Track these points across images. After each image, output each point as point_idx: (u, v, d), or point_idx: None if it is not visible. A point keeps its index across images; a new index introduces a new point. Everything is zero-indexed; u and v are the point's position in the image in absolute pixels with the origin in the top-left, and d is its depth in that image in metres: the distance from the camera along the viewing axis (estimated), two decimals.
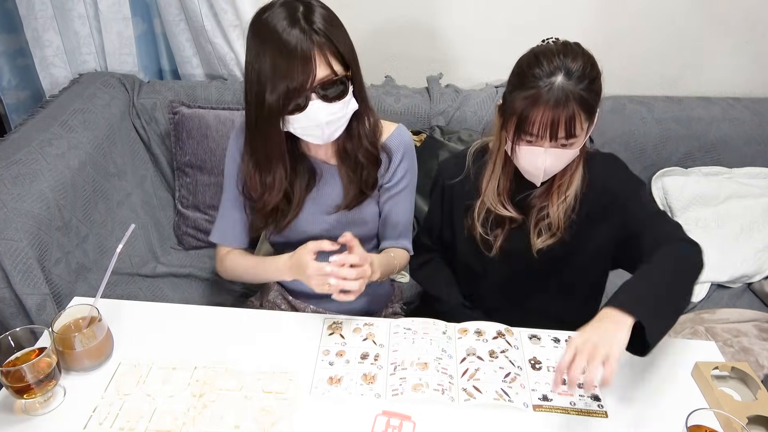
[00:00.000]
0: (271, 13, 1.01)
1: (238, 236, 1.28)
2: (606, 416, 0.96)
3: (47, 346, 0.92)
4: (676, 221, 1.16)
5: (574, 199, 1.14)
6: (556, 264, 1.21)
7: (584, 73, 1.02)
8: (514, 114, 1.04)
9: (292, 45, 0.98)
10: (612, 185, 1.16)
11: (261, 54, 1.01)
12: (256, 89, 1.03)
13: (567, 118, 1.01)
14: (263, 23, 1.01)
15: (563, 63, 1.01)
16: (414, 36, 1.96)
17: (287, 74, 0.99)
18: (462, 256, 1.29)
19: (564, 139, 1.03)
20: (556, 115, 1.01)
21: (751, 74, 1.99)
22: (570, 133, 1.02)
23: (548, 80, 1.01)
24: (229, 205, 1.25)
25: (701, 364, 1.03)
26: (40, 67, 1.87)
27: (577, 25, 1.90)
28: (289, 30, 0.98)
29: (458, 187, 1.24)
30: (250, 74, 1.04)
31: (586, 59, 1.04)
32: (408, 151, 1.24)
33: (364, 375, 1.02)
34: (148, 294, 1.63)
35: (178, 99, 1.83)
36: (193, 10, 1.80)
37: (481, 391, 0.98)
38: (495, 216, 1.19)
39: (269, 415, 0.93)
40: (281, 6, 1.01)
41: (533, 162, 1.07)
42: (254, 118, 1.08)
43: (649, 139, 1.84)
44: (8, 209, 1.31)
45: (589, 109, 1.03)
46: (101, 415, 0.93)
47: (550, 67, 1.02)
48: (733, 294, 1.73)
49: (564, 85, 1.00)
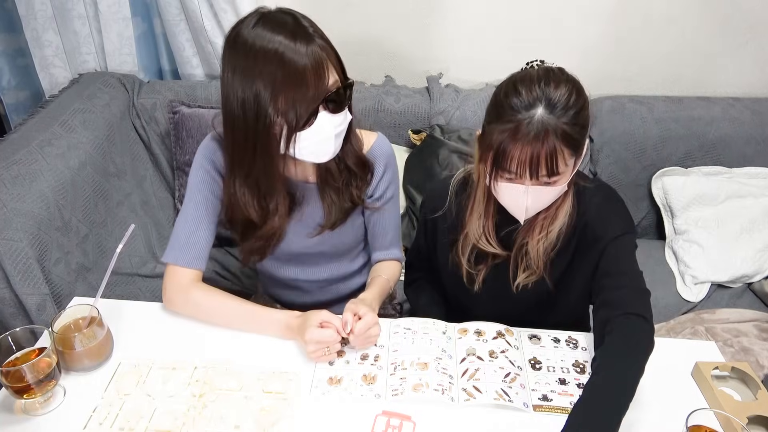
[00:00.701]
0: (257, 30, 0.93)
1: (203, 258, 1.12)
2: None
3: (47, 346, 0.92)
4: (643, 287, 1.02)
5: (557, 237, 1.05)
6: (538, 299, 1.14)
7: (568, 104, 0.92)
8: (491, 149, 0.95)
9: (301, 59, 0.91)
10: (599, 226, 1.06)
11: (256, 74, 0.93)
12: (255, 112, 0.95)
13: (548, 155, 0.91)
14: (251, 42, 0.93)
15: (544, 92, 0.92)
16: (414, 36, 1.97)
17: (299, 88, 0.93)
18: (449, 288, 1.25)
19: (546, 177, 0.94)
20: (536, 152, 0.91)
21: (751, 74, 1.99)
22: (552, 171, 0.93)
23: (527, 113, 0.91)
24: (194, 221, 1.11)
25: (701, 364, 1.03)
26: (40, 67, 1.88)
27: (577, 25, 1.90)
28: (293, 44, 0.91)
29: (441, 222, 1.17)
30: (243, 100, 0.95)
31: (571, 87, 0.93)
32: (390, 160, 1.19)
33: (364, 375, 1.02)
34: (148, 294, 1.63)
35: (178, 99, 1.83)
36: (193, 10, 1.80)
37: (481, 391, 0.98)
38: (479, 251, 1.12)
39: (269, 415, 0.93)
40: (263, 21, 0.94)
41: (514, 200, 1.00)
42: (252, 145, 0.99)
43: (649, 139, 1.85)
44: (8, 209, 1.31)
45: (573, 144, 0.93)
46: (101, 415, 0.93)
47: (530, 97, 0.92)
48: (733, 294, 1.72)
49: (544, 118, 0.91)
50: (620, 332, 0.95)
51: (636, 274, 1.03)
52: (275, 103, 0.94)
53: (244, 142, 1.00)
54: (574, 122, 0.92)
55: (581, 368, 1.04)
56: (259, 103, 0.94)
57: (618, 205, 1.10)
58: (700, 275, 1.71)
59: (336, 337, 1.01)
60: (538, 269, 1.08)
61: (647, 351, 0.93)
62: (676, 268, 1.78)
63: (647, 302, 0.99)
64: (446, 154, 1.79)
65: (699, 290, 1.71)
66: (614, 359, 0.93)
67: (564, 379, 1.02)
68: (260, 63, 0.92)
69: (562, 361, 1.06)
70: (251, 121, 0.96)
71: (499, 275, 1.14)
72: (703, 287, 1.72)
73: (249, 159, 1.02)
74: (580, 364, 1.05)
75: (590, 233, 1.06)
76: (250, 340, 1.09)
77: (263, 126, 0.96)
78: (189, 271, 1.11)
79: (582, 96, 0.94)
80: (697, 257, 1.73)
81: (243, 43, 0.94)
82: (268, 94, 0.93)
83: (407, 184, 1.87)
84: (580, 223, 1.06)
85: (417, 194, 1.85)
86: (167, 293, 1.11)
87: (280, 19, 0.95)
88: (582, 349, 1.09)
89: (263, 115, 0.95)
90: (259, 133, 0.97)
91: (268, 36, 0.92)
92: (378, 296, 1.17)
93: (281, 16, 0.96)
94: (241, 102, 0.95)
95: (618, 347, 0.94)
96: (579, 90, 0.95)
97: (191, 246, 1.11)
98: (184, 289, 1.10)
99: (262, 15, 0.96)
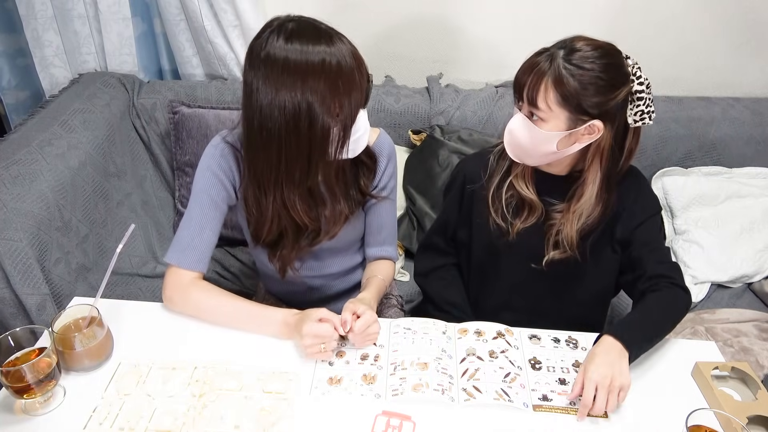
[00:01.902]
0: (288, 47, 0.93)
1: (204, 261, 1.13)
2: (606, 416, 0.96)
3: (47, 346, 0.92)
4: (675, 262, 1.15)
5: (586, 221, 1.12)
6: (565, 275, 1.20)
7: (581, 59, 1.00)
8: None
9: (345, 59, 0.94)
10: (632, 207, 1.15)
11: (306, 88, 0.93)
12: (308, 123, 0.96)
13: (532, 83, 1.02)
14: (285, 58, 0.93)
15: (574, 44, 1.02)
16: (414, 36, 1.97)
17: (350, 90, 0.95)
18: (476, 257, 1.28)
19: (528, 105, 1.04)
20: (526, 76, 1.03)
21: (751, 74, 1.99)
22: (531, 100, 1.03)
23: (551, 49, 1.03)
24: (198, 223, 1.11)
25: (701, 364, 1.03)
26: (40, 67, 1.88)
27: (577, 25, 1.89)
28: (332, 49, 0.93)
29: (479, 192, 1.22)
30: (294, 114, 0.95)
31: (600, 56, 1.01)
32: (392, 155, 1.22)
33: (364, 375, 1.02)
34: (148, 294, 1.63)
35: (178, 99, 1.83)
36: (193, 10, 1.80)
37: (481, 391, 0.98)
38: (516, 203, 1.18)
39: (269, 415, 0.93)
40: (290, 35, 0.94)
41: (508, 125, 1.10)
42: (307, 155, 1.00)
43: (649, 139, 1.84)
44: (8, 209, 1.31)
45: (564, 94, 1.00)
46: (101, 415, 0.93)
47: (564, 42, 1.03)
48: (733, 294, 1.72)
49: (554, 55, 1.02)
50: (666, 293, 1.07)
51: (668, 250, 1.17)
52: (329, 110, 0.96)
53: (297, 154, 1.00)
54: (577, 76, 1.00)
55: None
56: (313, 114, 0.95)
57: (646, 184, 1.20)
58: (700, 275, 1.71)
59: (332, 332, 1.01)
60: (570, 249, 1.14)
61: (682, 316, 1.07)
62: None
63: (682, 275, 1.12)
64: (446, 155, 1.79)
65: (699, 290, 1.71)
66: (662, 301, 1.06)
67: (564, 379, 1.02)
68: (308, 76, 0.93)
69: (562, 361, 1.06)
70: (305, 131, 0.97)
71: (531, 231, 1.18)
72: (703, 287, 1.72)
73: (303, 169, 1.02)
74: (580, 364, 1.05)
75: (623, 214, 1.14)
76: (250, 340, 1.09)
77: (320, 134, 0.97)
78: (190, 273, 1.11)
79: (609, 73, 1.01)
80: (697, 257, 1.73)
81: (274, 61, 0.93)
82: (321, 102, 0.95)
83: (407, 185, 1.87)
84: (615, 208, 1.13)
85: (417, 195, 1.84)
86: (167, 291, 1.12)
87: (305, 28, 0.95)
88: (582, 349, 1.09)
89: (318, 123, 0.96)
90: (316, 141, 0.98)
91: (304, 48, 0.93)
92: (376, 296, 1.17)
93: (303, 25, 0.96)
94: (292, 116, 0.95)
95: (665, 299, 1.06)
96: (608, 67, 1.01)
97: (194, 248, 1.11)
98: (184, 288, 1.10)
99: (282, 30, 0.95)
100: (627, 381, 0.93)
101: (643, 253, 1.13)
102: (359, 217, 1.24)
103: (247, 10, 1.80)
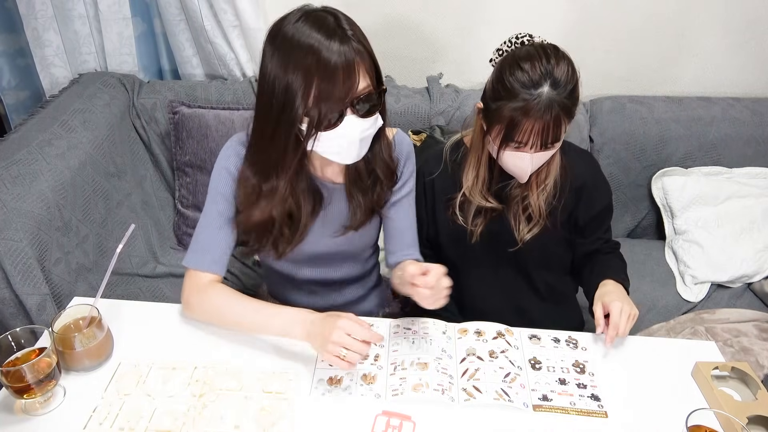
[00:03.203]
0: (298, 25, 0.94)
1: (222, 263, 1.11)
2: (606, 416, 0.96)
3: (47, 346, 0.92)
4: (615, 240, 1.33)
5: (553, 187, 1.19)
6: (532, 247, 1.24)
7: (568, 80, 1.04)
8: (500, 123, 1.06)
9: (332, 56, 0.92)
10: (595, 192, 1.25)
11: (290, 67, 0.93)
12: (282, 102, 0.95)
13: (555, 126, 1.04)
14: (290, 35, 0.94)
15: (548, 70, 1.03)
16: (414, 36, 1.97)
17: (327, 87, 0.93)
18: (445, 250, 1.31)
19: (551, 144, 1.07)
20: (546, 126, 1.03)
21: (751, 74, 1.99)
22: (557, 138, 1.07)
23: (536, 91, 1.02)
24: (215, 224, 1.10)
25: (701, 364, 1.03)
26: (40, 67, 1.88)
27: (577, 25, 1.90)
28: (327, 42, 0.92)
29: (438, 181, 1.27)
30: (274, 87, 0.95)
31: (568, 63, 1.05)
32: (410, 156, 1.20)
33: (364, 375, 1.02)
34: (148, 294, 1.63)
35: (178, 99, 1.83)
36: (193, 10, 1.80)
37: (481, 391, 0.98)
38: (476, 207, 1.22)
39: (269, 415, 0.93)
40: (306, 17, 0.95)
41: (520, 165, 1.11)
42: (271, 131, 1.00)
43: (649, 139, 1.84)
44: (8, 209, 1.31)
45: (571, 113, 1.06)
46: (101, 415, 0.93)
47: (535, 75, 1.03)
48: (733, 294, 1.72)
49: (551, 95, 1.02)
50: (615, 256, 1.29)
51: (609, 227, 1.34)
52: (305, 99, 0.94)
53: (262, 128, 1.02)
54: (573, 95, 1.05)
55: (581, 368, 1.05)
56: (289, 94, 0.95)
57: (598, 165, 1.31)
58: (700, 275, 1.71)
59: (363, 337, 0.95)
60: (541, 218, 1.20)
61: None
62: (676, 268, 1.78)
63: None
64: None
65: (699, 290, 1.71)
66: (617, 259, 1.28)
67: (564, 379, 1.02)
68: (295, 55, 0.93)
69: (562, 361, 1.06)
70: (277, 110, 0.97)
71: (493, 227, 1.24)
72: (703, 287, 1.72)
73: (263, 143, 1.02)
74: (580, 364, 1.05)
75: (586, 195, 1.24)
76: (251, 340, 1.09)
77: (289, 117, 0.96)
78: (208, 275, 1.10)
79: (576, 71, 1.06)
80: (697, 257, 1.73)
81: (283, 36, 0.95)
82: (299, 86, 0.93)
83: None
84: (571, 172, 1.21)
85: None
86: (185, 295, 1.10)
87: (322, 17, 0.96)
88: (582, 349, 1.09)
89: (290, 107, 0.95)
90: (283, 123, 0.98)
91: (307, 31, 0.93)
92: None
93: (323, 15, 0.96)
94: (271, 91, 0.96)
95: (618, 256, 1.29)
96: (573, 66, 1.06)
97: (212, 250, 1.10)
98: (202, 290, 1.08)
99: (305, 12, 0.97)
100: (636, 311, 1.09)
101: (597, 232, 1.29)
102: (373, 223, 1.21)
103: (247, 10, 1.80)
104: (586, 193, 1.24)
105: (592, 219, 1.27)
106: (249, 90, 1.86)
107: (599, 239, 1.29)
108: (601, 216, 1.28)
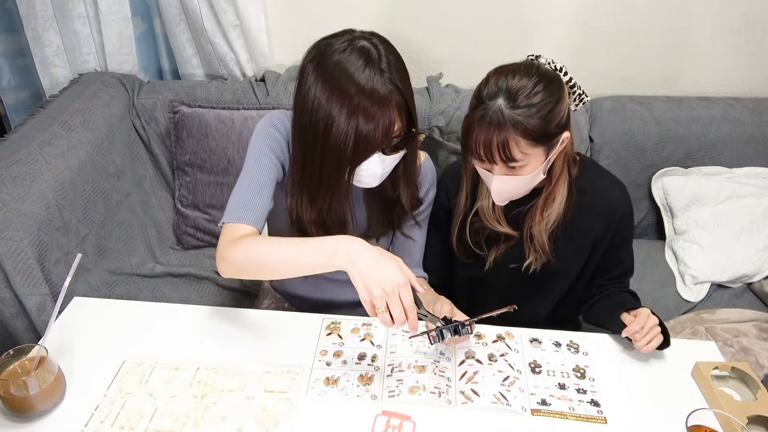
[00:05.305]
0: (344, 56, 0.95)
1: (262, 221, 1.05)
2: (605, 422, 0.95)
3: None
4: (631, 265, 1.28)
5: (554, 221, 1.14)
6: (543, 279, 1.21)
7: (527, 97, 0.99)
8: (461, 132, 1.06)
9: (374, 105, 0.93)
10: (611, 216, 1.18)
11: (333, 98, 0.94)
12: (323, 128, 0.96)
13: (500, 143, 1.00)
14: (335, 66, 0.94)
15: (506, 84, 1.00)
16: (414, 36, 1.96)
17: (366, 128, 0.94)
18: (462, 269, 1.29)
19: (503, 163, 1.02)
20: (488, 138, 1.00)
21: (751, 74, 1.99)
22: (508, 157, 1.01)
23: (489, 102, 1.00)
24: (257, 186, 1.05)
25: (701, 364, 1.03)
26: (40, 67, 1.88)
27: (577, 25, 1.90)
28: (370, 85, 0.93)
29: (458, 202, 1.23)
30: (317, 112, 0.96)
31: (537, 81, 1.00)
32: (433, 182, 1.23)
33: (360, 376, 1.02)
34: (148, 294, 1.63)
35: (178, 99, 1.83)
36: (193, 10, 1.80)
37: (478, 394, 0.98)
38: (490, 232, 1.19)
39: (272, 415, 0.93)
40: (351, 50, 0.95)
41: (488, 183, 1.09)
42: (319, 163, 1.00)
43: (649, 139, 1.84)
44: (8, 209, 1.31)
45: (532, 135, 0.99)
46: (103, 413, 0.93)
47: (494, 87, 1.00)
48: (733, 294, 1.72)
49: (501, 108, 0.99)
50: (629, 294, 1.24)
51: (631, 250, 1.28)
52: (345, 137, 0.95)
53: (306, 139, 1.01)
54: (533, 114, 0.99)
55: (582, 373, 1.04)
56: (328, 123, 0.96)
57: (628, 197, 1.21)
58: (700, 275, 1.71)
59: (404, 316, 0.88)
60: (544, 253, 1.16)
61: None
62: (676, 268, 1.78)
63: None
64: (445, 156, 1.79)
65: (699, 290, 1.71)
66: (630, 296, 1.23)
67: (564, 384, 1.02)
68: (339, 90, 0.94)
69: (563, 365, 1.06)
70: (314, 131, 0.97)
71: (508, 255, 1.21)
72: (703, 287, 1.72)
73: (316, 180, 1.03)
74: (580, 368, 1.05)
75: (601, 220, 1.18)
76: (251, 341, 1.09)
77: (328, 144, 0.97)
78: (246, 227, 1.02)
79: (550, 91, 1.01)
80: (697, 257, 1.73)
81: (327, 64, 0.95)
82: (342, 121, 0.94)
83: None
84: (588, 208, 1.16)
85: None
86: (219, 249, 1.01)
87: (367, 51, 0.95)
88: (583, 353, 1.09)
89: (329, 134, 0.96)
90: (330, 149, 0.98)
91: (352, 68, 0.94)
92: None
93: (368, 49, 0.96)
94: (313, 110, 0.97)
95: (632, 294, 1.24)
96: (548, 85, 1.01)
97: (254, 207, 1.04)
98: (231, 244, 0.99)
99: (351, 41, 0.96)
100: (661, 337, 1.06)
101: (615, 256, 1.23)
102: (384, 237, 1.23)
103: (247, 10, 1.80)
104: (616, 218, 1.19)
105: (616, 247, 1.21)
106: (249, 90, 1.86)
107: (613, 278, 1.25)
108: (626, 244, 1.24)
